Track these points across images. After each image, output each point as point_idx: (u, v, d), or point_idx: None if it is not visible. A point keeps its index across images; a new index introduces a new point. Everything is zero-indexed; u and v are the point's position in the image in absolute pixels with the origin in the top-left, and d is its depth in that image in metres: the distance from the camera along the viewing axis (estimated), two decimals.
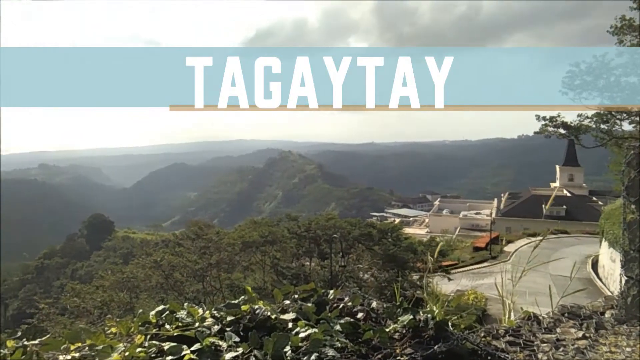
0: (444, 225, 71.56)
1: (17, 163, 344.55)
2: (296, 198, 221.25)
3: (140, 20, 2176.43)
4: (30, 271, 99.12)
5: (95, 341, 2.15)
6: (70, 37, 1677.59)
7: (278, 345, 2.09)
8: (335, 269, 25.31)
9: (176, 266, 25.51)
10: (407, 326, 2.46)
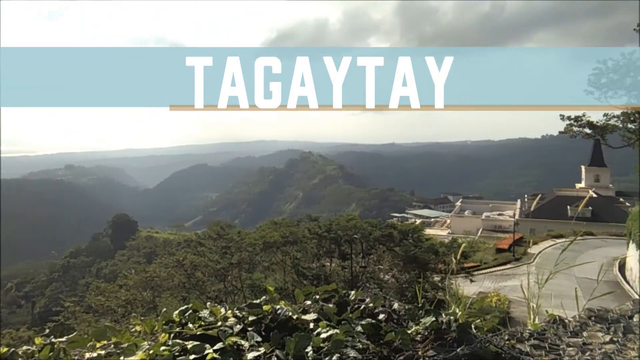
0: (466, 226, 70.70)
1: (45, 164, 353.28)
2: (316, 199, 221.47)
3: (165, 21, 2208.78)
4: (56, 269, 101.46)
5: (120, 339, 2.19)
6: (94, 37, 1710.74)
7: (300, 345, 2.09)
8: (355, 269, 25.25)
9: (198, 266, 25.78)
10: (430, 328, 2.44)
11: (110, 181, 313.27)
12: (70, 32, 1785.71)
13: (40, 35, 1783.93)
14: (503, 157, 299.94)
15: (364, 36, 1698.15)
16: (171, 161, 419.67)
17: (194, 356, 2.01)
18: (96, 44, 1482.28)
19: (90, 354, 2.11)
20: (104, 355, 2.04)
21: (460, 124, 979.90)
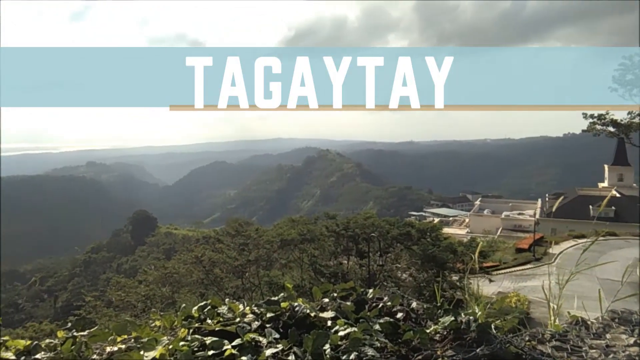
0: (485, 225, 69.97)
1: (67, 161, 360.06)
2: (334, 196, 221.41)
3: (184, 20, 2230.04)
4: (78, 265, 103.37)
5: (140, 334, 2.22)
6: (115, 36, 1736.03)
7: (317, 343, 2.09)
8: (373, 268, 25.18)
9: (216, 262, 26.02)
10: (448, 328, 2.42)
11: (130, 178, 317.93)
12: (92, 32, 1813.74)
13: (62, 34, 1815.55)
14: (523, 156, 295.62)
15: (382, 34, 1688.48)
16: (190, 158, 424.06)
17: (212, 352, 2.03)
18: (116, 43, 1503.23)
19: (111, 348, 2.14)
20: (125, 349, 2.07)
21: (479, 122, 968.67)
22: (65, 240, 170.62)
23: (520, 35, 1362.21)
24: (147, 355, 1.93)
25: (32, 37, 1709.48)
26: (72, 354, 2.00)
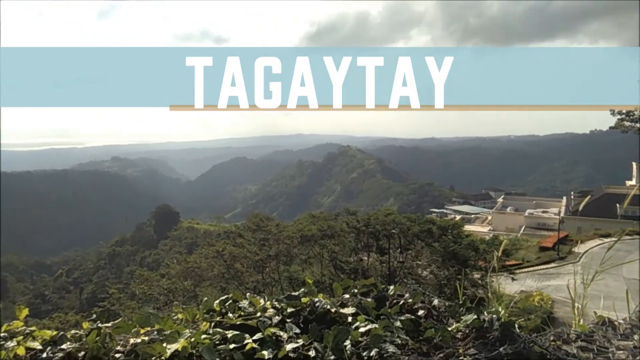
0: (508, 223, 68.99)
1: (92, 155, 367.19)
2: (355, 193, 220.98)
3: (209, 16, 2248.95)
4: (103, 257, 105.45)
5: (163, 326, 2.24)
6: (141, 34, 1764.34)
7: (338, 338, 2.09)
8: (393, 264, 25.07)
9: (237, 257, 26.22)
10: (471, 326, 2.39)
11: (153, 173, 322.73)
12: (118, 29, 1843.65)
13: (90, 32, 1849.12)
14: (549, 153, 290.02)
15: (405, 29, 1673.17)
16: (212, 154, 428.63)
17: (233, 345, 2.04)
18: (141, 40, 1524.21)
19: (134, 339, 2.17)
20: (148, 341, 2.09)
21: (504, 118, 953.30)
22: (90, 233, 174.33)
23: (547, 30, 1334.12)
24: (169, 348, 1.95)
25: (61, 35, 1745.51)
26: (97, 344, 2.04)
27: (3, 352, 2.07)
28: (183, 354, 1.95)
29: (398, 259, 24.47)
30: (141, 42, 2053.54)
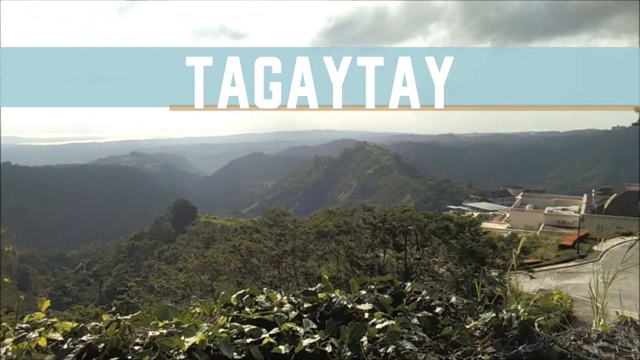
0: (526, 220, 68.17)
1: (112, 150, 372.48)
2: (371, 189, 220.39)
3: (226, 12, 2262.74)
4: (122, 251, 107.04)
5: (181, 320, 2.27)
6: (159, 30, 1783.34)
7: (355, 334, 2.08)
8: (410, 261, 24.96)
9: (253, 252, 26.36)
10: (489, 324, 2.36)
11: (172, 168, 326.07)
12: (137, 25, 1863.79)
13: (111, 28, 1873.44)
14: (569, 150, 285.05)
15: (423, 24, 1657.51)
16: (229, 149, 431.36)
17: (251, 339, 2.05)
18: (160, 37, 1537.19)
19: (153, 332, 2.20)
20: (166, 334, 2.12)
21: (523, 114, 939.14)
22: (109, 226, 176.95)
23: (570, 24, 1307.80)
24: (187, 341, 1.97)
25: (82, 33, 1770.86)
26: (116, 337, 2.06)
27: (25, 343, 2.11)
28: (201, 348, 1.97)
29: (414, 255, 24.33)
30: (159, 39, 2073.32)
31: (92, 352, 2.04)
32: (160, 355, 1.97)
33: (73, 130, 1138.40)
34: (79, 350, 2.02)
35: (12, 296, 48.49)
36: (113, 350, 2.02)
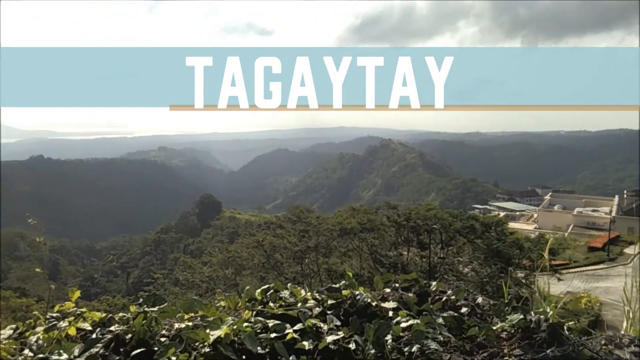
0: (555, 221, 66.72)
1: (140, 145, 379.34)
2: (395, 186, 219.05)
3: (253, 8, 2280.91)
4: (149, 244, 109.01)
5: (206, 313, 2.29)
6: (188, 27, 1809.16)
7: (379, 332, 2.07)
8: (434, 260, 24.73)
9: (277, 247, 26.52)
10: (517, 326, 2.32)
11: (198, 163, 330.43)
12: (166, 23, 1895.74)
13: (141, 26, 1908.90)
14: (601, 149, 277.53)
15: (451, 21, 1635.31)
16: (254, 145, 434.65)
17: (275, 334, 2.06)
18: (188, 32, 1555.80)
19: (179, 324, 2.23)
20: (192, 326, 2.14)
21: (553, 113, 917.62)
22: (137, 219, 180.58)
23: (603, 20, 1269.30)
24: (212, 334, 1.99)
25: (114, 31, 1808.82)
26: (143, 328, 2.10)
27: (55, 332, 2.16)
28: (225, 341, 1.99)
29: (439, 254, 24.09)
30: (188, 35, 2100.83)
31: (120, 342, 2.08)
32: (186, 347, 1.99)
33: (102, 125, 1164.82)
34: (107, 340, 2.06)
35: (43, 286, 49.97)
36: (140, 341, 2.05)
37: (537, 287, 8.75)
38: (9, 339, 2.20)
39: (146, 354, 1.97)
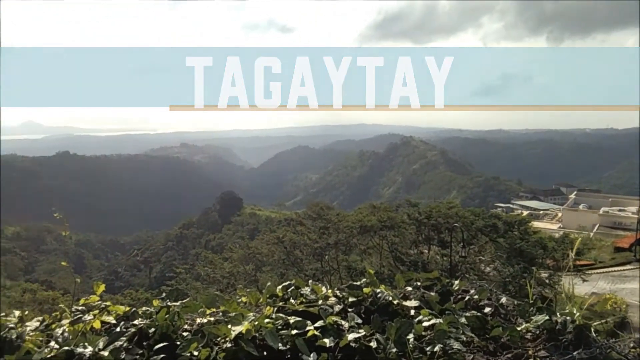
0: (580, 221, 65.36)
1: (163, 141, 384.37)
2: (416, 184, 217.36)
3: (274, 5, 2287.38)
4: (171, 239, 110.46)
5: (228, 308, 2.31)
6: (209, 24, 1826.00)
7: (401, 331, 2.05)
8: (455, 259, 24.49)
9: (297, 244, 26.59)
10: (542, 327, 2.27)
11: (219, 159, 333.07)
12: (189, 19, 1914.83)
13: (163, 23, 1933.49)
14: (629, 148, 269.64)
15: (476, 16, 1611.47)
16: (275, 142, 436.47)
17: (296, 331, 2.06)
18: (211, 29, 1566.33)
19: (201, 319, 2.25)
20: (214, 321, 2.16)
21: (577, 110, 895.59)
22: (160, 215, 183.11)
23: (632, 16, 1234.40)
24: (234, 330, 2.00)
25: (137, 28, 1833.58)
26: (166, 322, 2.12)
27: (81, 325, 2.20)
28: (247, 337, 2.00)
29: (460, 253, 23.84)
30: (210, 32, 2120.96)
31: (143, 336, 2.10)
32: (208, 342, 2.00)
33: (126, 122, 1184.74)
34: (130, 334, 2.08)
35: (69, 279, 50.99)
36: (163, 335, 2.08)
37: (562, 288, 8.59)
38: (36, 331, 2.25)
39: (169, 348, 1.99)
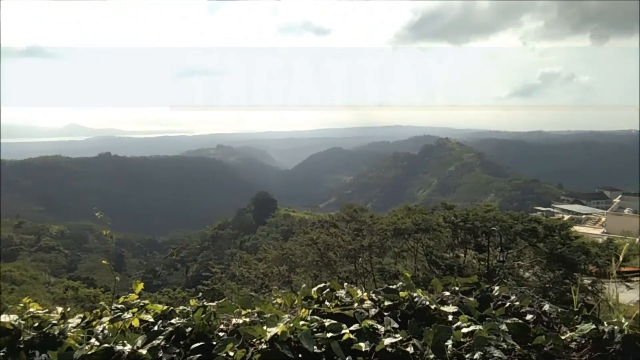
0: (624, 225, 62.82)
1: (200, 143, 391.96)
2: (452, 187, 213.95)
3: (310, 7, 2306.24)
4: (207, 239, 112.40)
5: (263, 309, 2.31)
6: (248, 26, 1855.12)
7: (439, 337, 2.00)
8: (492, 263, 23.94)
9: (330, 246, 26.56)
10: (588, 336, 2.18)
11: (254, 161, 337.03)
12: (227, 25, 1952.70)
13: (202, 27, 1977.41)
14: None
15: (515, 14, 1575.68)
16: (309, 144, 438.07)
17: (331, 334, 2.04)
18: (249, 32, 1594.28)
19: (236, 320, 2.26)
20: (249, 322, 2.16)
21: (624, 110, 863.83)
22: (196, 215, 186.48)
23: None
24: (269, 331, 2.00)
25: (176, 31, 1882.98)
26: (202, 322, 2.14)
27: (120, 323, 2.24)
28: (282, 338, 1.99)
29: (498, 257, 23.28)
30: (248, 34, 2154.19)
31: (180, 335, 2.13)
32: (243, 343, 2.01)
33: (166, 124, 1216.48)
34: (168, 333, 2.11)
35: (109, 277, 52.43)
36: (199, 335, 2.10)
37: (607, 295, 8.27)
38: (77, 328, 2.31)
39: (205, 348, 2.01)
